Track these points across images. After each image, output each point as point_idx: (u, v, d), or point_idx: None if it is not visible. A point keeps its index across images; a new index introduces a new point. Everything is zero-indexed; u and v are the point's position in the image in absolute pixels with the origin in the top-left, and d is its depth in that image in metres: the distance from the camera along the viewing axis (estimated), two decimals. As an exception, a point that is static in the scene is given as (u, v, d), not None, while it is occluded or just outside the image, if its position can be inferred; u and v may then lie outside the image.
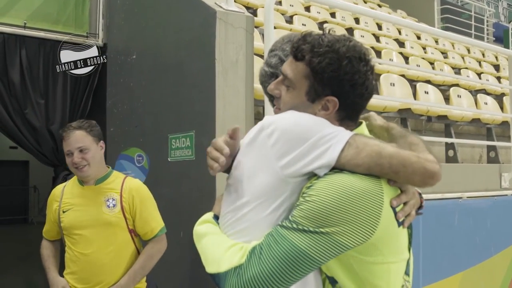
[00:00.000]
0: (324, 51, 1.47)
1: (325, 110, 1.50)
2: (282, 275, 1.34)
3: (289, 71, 1.53)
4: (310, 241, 1.35)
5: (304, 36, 1.53)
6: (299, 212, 1.38)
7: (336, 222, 1.35)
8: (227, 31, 3.54)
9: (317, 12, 8.60)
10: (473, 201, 4.52)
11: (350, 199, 1.37)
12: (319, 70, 1.47)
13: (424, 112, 5.47)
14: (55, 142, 4.52)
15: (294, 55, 1.53)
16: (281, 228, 1.38)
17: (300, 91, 1.52)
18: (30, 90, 4.46)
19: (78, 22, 4.97)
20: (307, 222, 1.36)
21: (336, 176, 1.40)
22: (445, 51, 9.44)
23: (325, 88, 1.49)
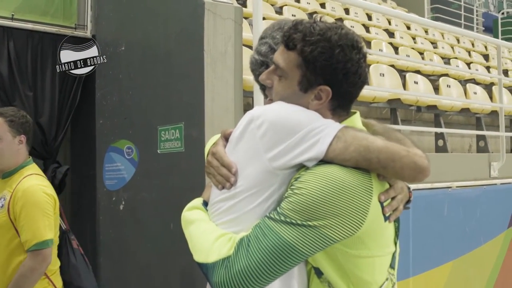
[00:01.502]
0: (316, 39, 1.45)
1: (318, 99, 1.49)
2: (269, 268, 1.34)
3: (280, 61, 1.51)
4: (297, 234, 1.34)
5: (295, 24, 1.51)
6: (287, 204, 1.37)
7: (324, 215, 1.35)
8: (216, 22, 3.52)
9: (307, 2, 8.59)
10: (462, 190, 4.55)
11: (339, 193, 1.36)
12: (311, 59, 1.46)
13: (414, 102, 5.49)
14: (44, 135, 4.48)
15: (285, 44, 1.51)
16: (268, 220, 1.37)
17: (292, 81, 1.50)
18: (18, 83, 4.41)
19: (66, 13, 4.91)
20: (295, 214, 1.35)
21: (325, 168, 1.39)
22: (434, 41, 9.46)
23: (318, 77, 1.47)
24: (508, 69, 9.22)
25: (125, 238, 4.17)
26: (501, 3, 21.17)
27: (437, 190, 4.22)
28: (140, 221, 3.98)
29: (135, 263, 4.05)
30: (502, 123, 5.41)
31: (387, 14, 8.61)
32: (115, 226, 4.26)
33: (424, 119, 6.18)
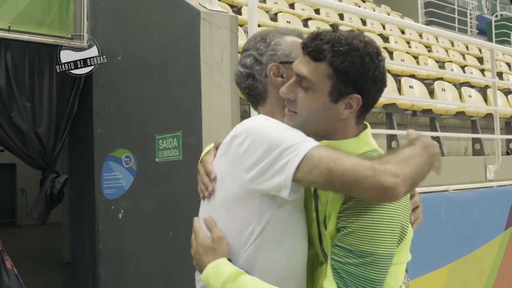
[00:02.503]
0: (345, 49, 1.46)
1: (348, 108, 1.50)
2: None
3: (307, 72, 1.50)
4: (379, 269, 1.39)
5: (318, 34, 1.50)
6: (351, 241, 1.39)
7: (385, 241, 1.40)
8: (212, 31, 3.56)
9: (302, 9, 8.62)
10: (459, 193, 4.58)
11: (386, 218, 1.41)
12: (343, 69, 1.46)
13: (409, 106, 5.53)
14: (42, 145, 4.52)
15: (312, 55, 1.50)
16: (350, 267, 1.38)
17: (322, 92, 1.50)
18: (16, 93, 4.45)
19: (63, 24, 4.95)
20: (365, 248, 1.38)
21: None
22: (429, 45, 9.51)
23: (349, 87, 1.48)
24: (503, 72, 9.26)
25: (125, 246, 4.19)
26: (494, 5, 21.28)
27: (434, 194, 4.25)
28: (139, 229, 4.01)
29: (134, 271, 4.07)
30: (497, 125, 5.44)
31: (381, 21, 8.66)
32: (114, 235, 4.28)
33: (420, 123, 6.21)
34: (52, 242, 9.91)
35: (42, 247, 10.48)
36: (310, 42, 1.50)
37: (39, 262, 9.17)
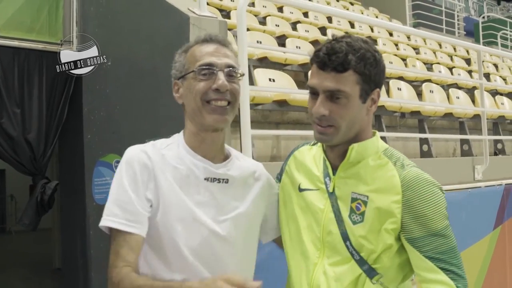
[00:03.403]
0: (361, 54, 1.62)
1: (374, 103, 1.72)
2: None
3: (339, 85, 1.62)
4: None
5: (331, 50, 1.62)
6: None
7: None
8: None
9: (290, 12, 8.66)
10: (448, 194, 4.56)
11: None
12: (367, 71, 1.63)
13: (398, 108, 5.57)
14: (32, 151, 4.51)
15: (338, 69, 1.61)
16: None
17: (354, 98, 1.65)
18: (5, 100, 4.45)
19: (52, 30, 4.95)
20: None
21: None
22: (417, 47, 9.58)
23: (372, 85, 1.67)
24: (490, 73, 9.36)
25: (116, 251, 4.19)
26: (481, 7, 21.47)
27: (423, 195, 4.29)
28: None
29: None
30: (484, 126, 5.51)
31: (369, 24, 8.71)
32: (105, 240, 4.25)
33: (409, 125, 6.26)
34: (42, 248, 9.87)
35: (32, 253, 10.43)
36: (329, 58, 1.62)
37: (29, 268, 9.15)
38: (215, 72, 1.75)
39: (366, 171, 1.72)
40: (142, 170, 1.73)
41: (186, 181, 1.75)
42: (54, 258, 8.86)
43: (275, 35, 6.65)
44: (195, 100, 1.76)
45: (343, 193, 1.74)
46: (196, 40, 1.87)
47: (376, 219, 1.66)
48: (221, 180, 1.80)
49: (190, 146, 1.81)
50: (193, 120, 1.80)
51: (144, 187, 1.71)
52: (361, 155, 1.72)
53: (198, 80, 1.76)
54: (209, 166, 1.79)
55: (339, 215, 1.72)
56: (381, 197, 1.67)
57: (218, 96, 1.74)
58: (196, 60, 1.79)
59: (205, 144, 1.80)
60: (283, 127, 5.09)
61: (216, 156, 1.84)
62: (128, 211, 1.68)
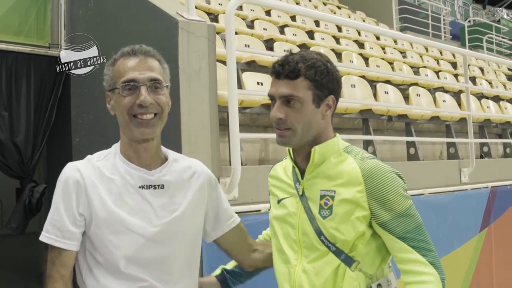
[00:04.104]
0: (312, 62, 1.82)
1: (329, 108, 1.87)
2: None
3: (291, 90, 1.81)
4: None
5: (285, 60, 1.84)
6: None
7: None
8: (190, 40, 3.59)
9: (278, 16, 8.70)
10: (434, 196, 4.67)
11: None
12: (318, 78, 1.81)
13: (385, 112, 5.61)
14: (20, 154, 4.50)
15: (289, 76, 1.81)
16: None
17: (307, 103, 1.82)
18: (-7, 103, 4.45)
19: (40, 33, 4.94)
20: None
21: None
22: (404, 51, 9.65)
23: (324, 91, 1.84)
24: (476, 76, 9.45)
25: (105, 255, 4.18)
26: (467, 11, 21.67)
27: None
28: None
29: None
30: (470, 130, 5.56)
31: (357, 28, 8.76)
32: (94, 244, 4.27)
33: (396, 128, 6.30)
34: (29, 251, 9.77)
35: (19, 256, 10.32)
36: (282, 67, 1.83)
37: (16, 271, 9.08)
38: (138, 87, 1.83)
39: (329, 168, 1.87)
40: (74, 187, 1.83)
41: (121, 191, 1.84)
42: (40, 262, 8.78)
43: (263, 39, 6.68)
44: (122, 115, 1.86)
45: (312, 193, 1.89)
46: (121, 52, 1.95)
47: (344, 210, 1.81)
48: (157, 186, 1.88)
49: (124, 155, 1.91)
50: (124, 132, 1.91)
51: (76, 203, 1.82)
52: (323, 155, 1.87)
53: (124, 96, 1.84)
54: (143, 173, 1.87)
55: (311, 213, 1.87)
56: (346, 190, 1.82)
57: (143, 110, 1.82)
58: (120, 75, 1.87)
59: (139, 153, 1.89)
60: (272, 131, 5.07)
61: (152, 162, 1.91)
62: (57, 228, 1.81)
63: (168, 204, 1.89)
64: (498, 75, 11.16)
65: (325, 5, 11.63)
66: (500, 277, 5.44)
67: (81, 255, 1.85)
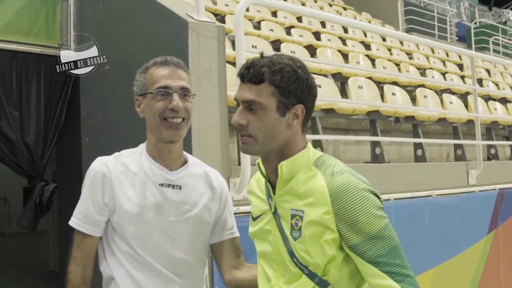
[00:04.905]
0: (279, 67, 1.67)
1: (296, 118, 1.71)
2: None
3: (254, 96, 1.67)
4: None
5: (251, 63, 1.70)
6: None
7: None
8: (199, 41, 3.61)
9: (284, 17, 8.72)
10: (442, 198, 4.68)
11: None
12: (284, 84, 1.66)
13: (392, 113, 5.62)
14: (30, 154, 4.53)
15: (253, 81, 1.68)
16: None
17: (271, 110, 1.67)
18: (4, 103, 4.46)
19: (50, 33, 4.97)
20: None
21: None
22: (410, 52, 9.65)
23: (292, 99, 1.68)
24: (482, 78, 9.44)
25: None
26: (473, 13, 21.62)
27: (418, 199, 4.34)
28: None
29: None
30: (478, 131, 5.57)
31: (363, 29, 8.76)
32: (103, 243, 4.29)
33: (403, 130, 6.31)
34: (37, 250, 9.85)
35: (27, 255, 10.39)
36: (247, 70, 1.69)
37: (24, 270, 9.12)
38: (171, 93, 2.02)
39: (298, 186, 1.72)
40: (100, 179, 2.03)
41: (143, 186, 2.04)
42: (48, 260, 8.85)
43: (269, 40, 6.69)
44: (154, 117, 2.03)
45: (283, 211, 1.76)
46: (154, 62, 2.12)
47: (313, 232, 1.67)
48: (175, 186, 2.07)
49: (150, 154, 2.10)
50: (153, 133, 2.08)
51: (102, 194, 2.02)
52: (292, 170, 1.73)
53: (157, 100, 2.02)
54: (164, 173, 2.06)
55: (284, 233, 1.75)
56: (314, 210, 1.67)
57: (174, 114, 2.02)
58: (154, 82, 2.05)
59: (163, 153, 2.08)
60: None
61: (174, 163, 2.10)
62: (84, 214, 2.03)
63: (183, 204, 2.07)
64: (505, 77, 11.14)
65: (331, 6, 11.63)
66: (508, 279, 5.45)
67: (104, 241, 2.06)
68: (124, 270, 2.00)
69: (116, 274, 2.02)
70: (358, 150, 5.53)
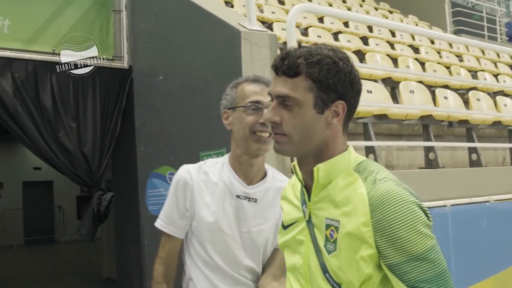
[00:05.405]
0: (318, 59, 1.46)
1: (336, 116, 1.50)
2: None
3: (288, 91, 1.47)
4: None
5: (287, 54, 1.50)
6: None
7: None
8: (252, 50, 3.65)
9: (331, 22, 8.68)
10: (500, 203, 4.56)
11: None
12: (322, 78, 1.46)
13: (446, 117, 5.53)
14: (88, 163, 4.65)
15: (288, 74, 1.47)
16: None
17: (307, 106, 1.48)
18: (62, 114, 4.61)
19: (104, 46, 5.11)
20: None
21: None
22: (460, 54, 9.47)
23: (331, 94, 1.47)
24: (536, 79, 9.18)
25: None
26: (523, 12, 21.06)
27: (476, 205, 4.24)
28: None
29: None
30: (535, 134, 5.43)
31: (411, 32, 8.65)
32: (160, 251, 4.36)
33: (456, 134, 6.19)
34: (91, 258, 10.07)
35: (81, 262, 10.64)
36: (281, 62, 1.50)
37: (79, 277, 9.34)
38: (262, 108, 2.08)
39: (335, 192, 1.52)
40: (183, 186, 2.16)
41: (222, 196, 2.14)
42: (103, 267, 9.03)
43: (318, 46, 6.67)
44: (243, 130, 2.10)
45: (318, 220, 1.55)
46: (246, 78, 2.23)
47: (349, 246, 1.46)
48: (251, 199, 2.15)
49: (232, 166, 2.18)
50: (239, 145, 2.14)
51: (183, 199, 2.15)
52: (329, 174, 1.53)
53: (248, 114, 2.10)
54: (242, 186, 2.15)
55: (317, 245, 1.54)
56: (350, 220, 1.46)
57: (263, 128, 2.07)
58: (245, 96, 2.13)
59: (245, 166, 2.16)
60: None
61: (253, 177, 2.18)
62: (168, 217, 2.19)
63: (257, 217, 2.17)
64: (559, 77, 10.82)
65: (377, 10, 11.53)
66: None
67: (184, 243, 2.23)
68: (200, 272, 2.15)
69: (193, 275, 2.17)
70: (411, 156, 5.46)
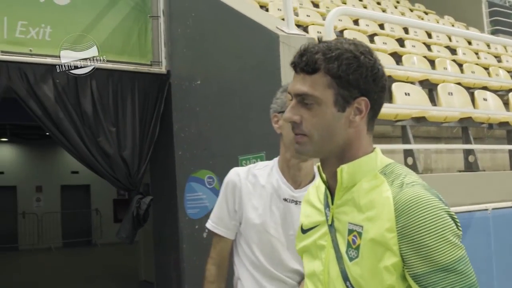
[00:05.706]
0: (337, 54, 1.37)
1: (358, 114, 1.41)
2: None
3: (307, 88, 1.39)
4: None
5: (305, 49, 1.41)
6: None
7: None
8: (291, 54, 3.64)
9: (366, 25, 8.63)
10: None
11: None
12: (342, 73, 1.37)
13: (485, 119, 5.44)
14: (127, 168, 4.72)
15: (307, 70, 1.39)
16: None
17: (327, 104, 1.39)
18: (102, 119, 4.68)
19: (142, 51, 5.18)
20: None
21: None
22: (498, 55, 9.30)
23: (352, 91, 1.39)
24: None
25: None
26: (562, 10, 20.58)
27: (517, 209, 4.17)
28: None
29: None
30: None
31: (447, 33, 8.55)
32: (198, 254, 4.38)
33: (496, 136, 6.08)
34: (127, 260, 10.18)
35: (118, 265, 10.77)
36: (299, 58, 1.41)
37: (116, 280, 9.46)
38: None
39: (359, 196, 1.43)
40: (232, 188, 2.24)
41: (269, 198, 2.19)
42: (140, 270, 9.11)
43: (354, 49, 6.63)
44: (292, 133, 2.04)
45: (340, 225, 1.46)
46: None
47: (372, 253, 1.37)
48: (298, 202, 2.15)
49: (280, 169, 2.22)
50: (288, 149, 2.15)
51: (232, 201, 2.24)
52: (353, 176, 1.44)
53: None
54: (289, 189, 2.18)
55: (338, 250, 1.46)
56: (374, 226, 1.37)
57: None
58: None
59: (293, 170, 2.18)
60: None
61: (301, 180, 2.20)
62: (219, 218, 2.28)
63: None
64: None
65: (412, 12, 11.41)
66: None
67: (234, 244, 2.29)
68: (248, 272, 2.22)
69: (241, 275, 2.24)
70: (451, 159, 5.39)
